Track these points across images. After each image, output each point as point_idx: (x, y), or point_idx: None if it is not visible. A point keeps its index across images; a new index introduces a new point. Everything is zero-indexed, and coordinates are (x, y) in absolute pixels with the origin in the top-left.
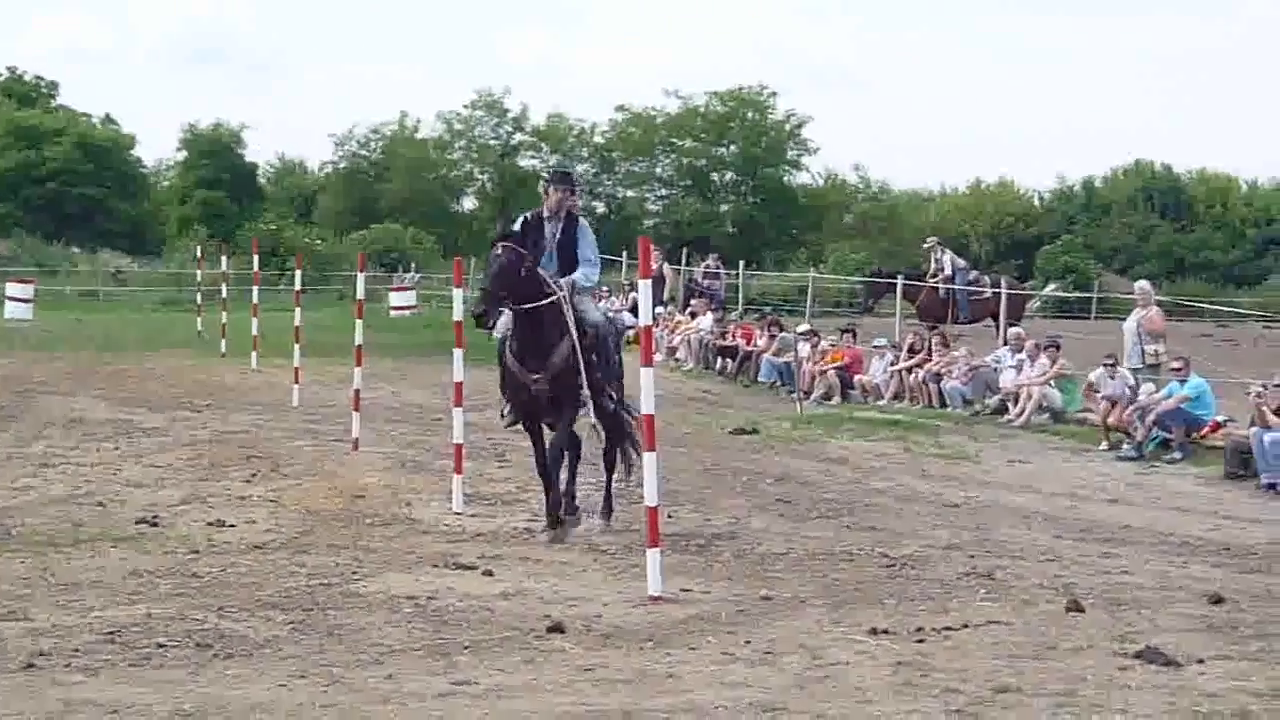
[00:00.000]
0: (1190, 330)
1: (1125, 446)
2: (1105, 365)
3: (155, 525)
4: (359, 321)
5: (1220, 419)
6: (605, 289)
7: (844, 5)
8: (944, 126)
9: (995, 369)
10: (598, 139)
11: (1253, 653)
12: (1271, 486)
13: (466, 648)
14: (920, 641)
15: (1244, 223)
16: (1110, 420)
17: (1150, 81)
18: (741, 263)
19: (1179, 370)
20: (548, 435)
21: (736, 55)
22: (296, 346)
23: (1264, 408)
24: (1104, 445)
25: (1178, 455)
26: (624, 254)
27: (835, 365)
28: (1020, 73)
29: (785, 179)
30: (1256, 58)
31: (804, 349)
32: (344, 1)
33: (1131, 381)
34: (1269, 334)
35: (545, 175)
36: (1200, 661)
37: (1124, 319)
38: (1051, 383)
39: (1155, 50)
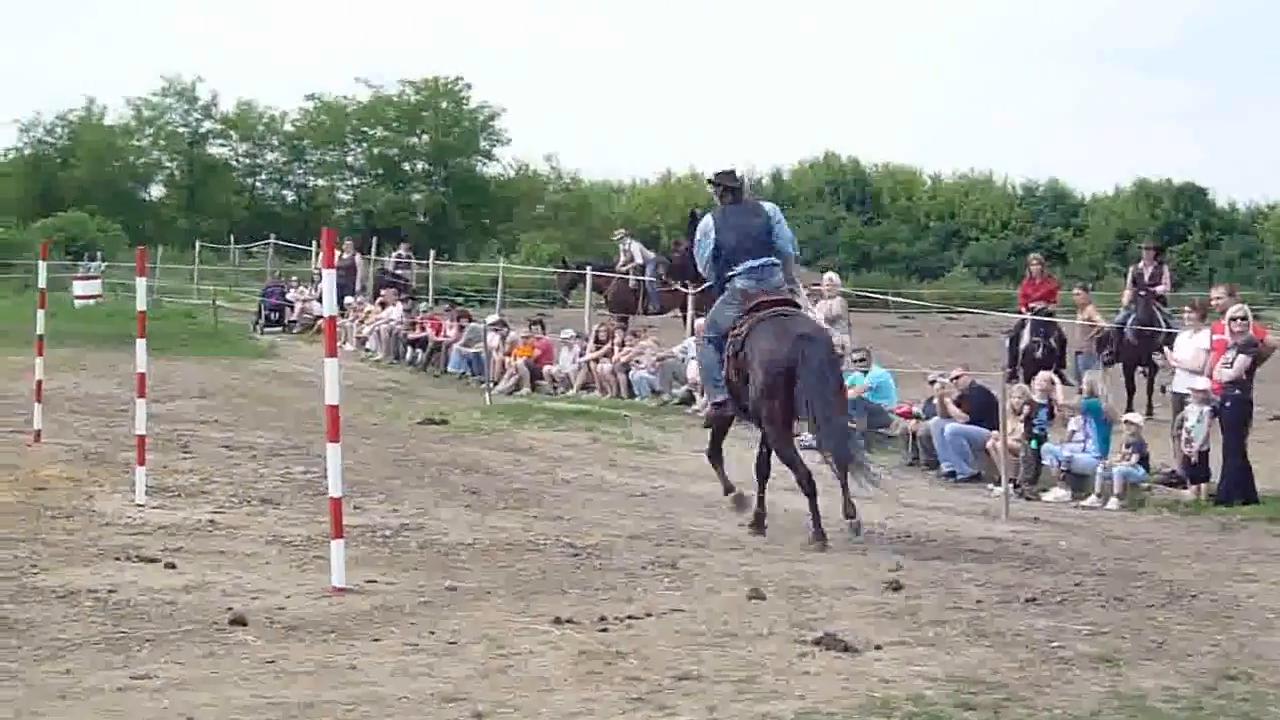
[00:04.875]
0: (874, 321)
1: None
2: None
3: None
4: (41, 311)
5: (914, 410)
6: (295, 279)
7: None
8: (634, 118)
9: (682, 359)
10: (288, 127)
11: (929, 638)
12: (951, 475)
13: (147, 641)
14: (604, 630)
15: (928, 216)
16: None
17: (835, 75)
18: (433, 252)
19: (861, 361)
20: None
21: (428, 45)
22: None
23: (945, 399)
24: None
25: (860, 444)
26: (313, 244)
27: (525, 359)
28: (706, 64)
29: (477, 169)
30: (941, 54)
31: (493, 339)
32: None
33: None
34: (950, 325)
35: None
36: (878, 648)
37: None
38: None
39: (840, 45)
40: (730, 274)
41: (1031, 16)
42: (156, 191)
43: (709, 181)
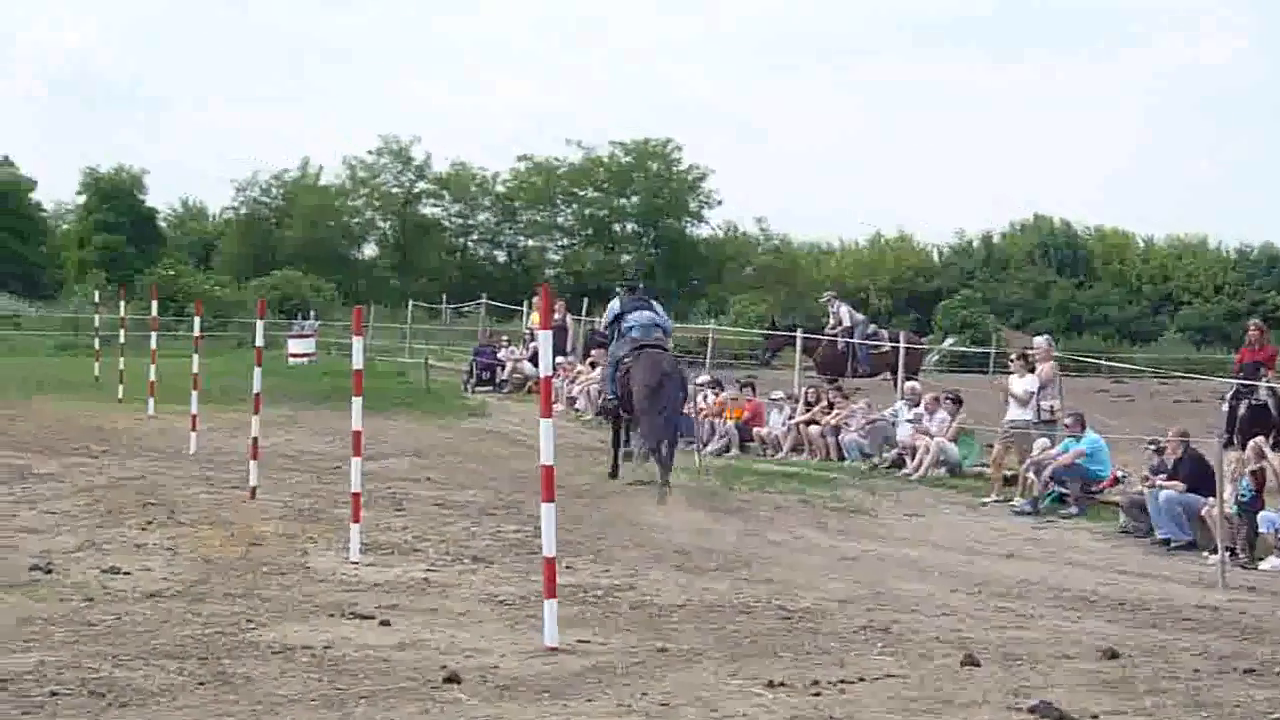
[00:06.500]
0: (1085, 385)
1: (1020, 501)
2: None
3: (49, 572)
4: (258, 368)
5: (1119, 474)
6: (505, 338)
7: (740, 58)
8: (844, 180)
9: (893, 422)
10: (499, 188)
11: (1146, 708)
12: (1166, 542)
13: (363, 698)
14: (816, 694)
15: (1140, 280)
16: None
17: (1050, 137)
18: None
19: (1073, 426)
20: None
21: (637, 107)
22: (194, 393)
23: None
24: (992, 496)
25: (1073, 510)
26: (524, 303)
27: (735, 421)
28: (921, 126)
29: (687, 230)
30: (1155, 116)
31: (704, 400)
32: (244, 45)
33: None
34: (1163, 390)
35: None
36: (1094, 717)
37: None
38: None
39: (1052, 106)
40: (630, 330)
41: (1243, 76)
42: (369, 251)
43: (619, 284)
